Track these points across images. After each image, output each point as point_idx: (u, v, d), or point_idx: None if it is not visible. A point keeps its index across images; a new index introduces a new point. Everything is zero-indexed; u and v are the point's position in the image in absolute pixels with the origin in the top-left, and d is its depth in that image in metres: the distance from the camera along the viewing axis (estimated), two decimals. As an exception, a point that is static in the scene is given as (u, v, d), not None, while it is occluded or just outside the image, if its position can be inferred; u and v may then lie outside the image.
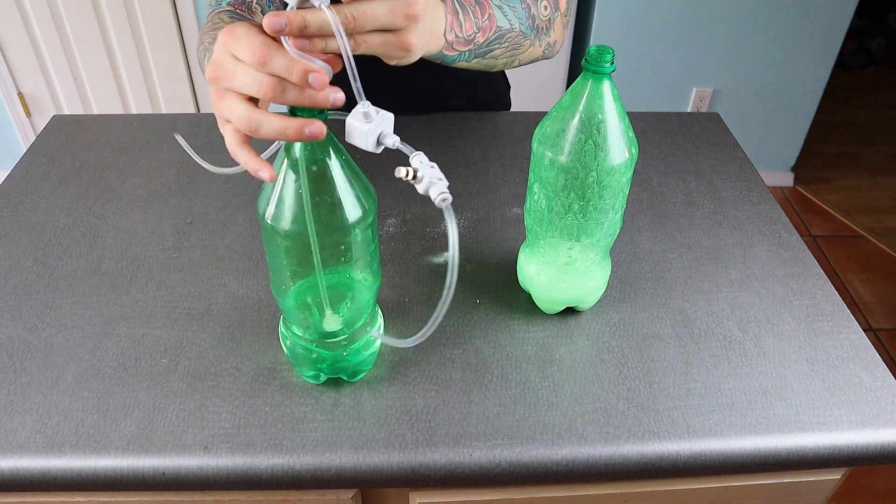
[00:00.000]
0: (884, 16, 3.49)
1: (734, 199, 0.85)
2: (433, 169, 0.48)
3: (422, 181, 0.48)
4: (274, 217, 0.51)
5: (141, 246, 0.76)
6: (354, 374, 0.61)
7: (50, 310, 0.68)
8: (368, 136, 0.48)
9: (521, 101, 2.11)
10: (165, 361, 0.63)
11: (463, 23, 0.58)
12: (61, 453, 0.56)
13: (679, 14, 2.03)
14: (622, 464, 0.57)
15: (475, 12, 0.60)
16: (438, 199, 0.47)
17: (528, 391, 0.61)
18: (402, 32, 0.50)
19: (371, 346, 0.61)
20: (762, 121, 2.27)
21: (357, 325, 0.59)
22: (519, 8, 0.65)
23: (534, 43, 0.70)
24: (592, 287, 0.67)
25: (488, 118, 0.98)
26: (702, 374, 0.63)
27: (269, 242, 0.54)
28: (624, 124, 0.57)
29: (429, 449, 0.56)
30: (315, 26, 0.45)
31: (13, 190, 0.84)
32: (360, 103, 0.47)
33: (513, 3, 0.64)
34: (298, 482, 0.56)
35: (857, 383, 0.63)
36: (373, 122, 0.48)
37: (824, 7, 2.03)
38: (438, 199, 0.47)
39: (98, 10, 2.01)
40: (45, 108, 2.19)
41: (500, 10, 0.63)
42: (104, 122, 0.97)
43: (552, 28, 0.72)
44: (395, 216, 0.81)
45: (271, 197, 0.51)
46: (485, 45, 0.63)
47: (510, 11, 0.63)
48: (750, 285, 0.73)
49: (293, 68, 0.45)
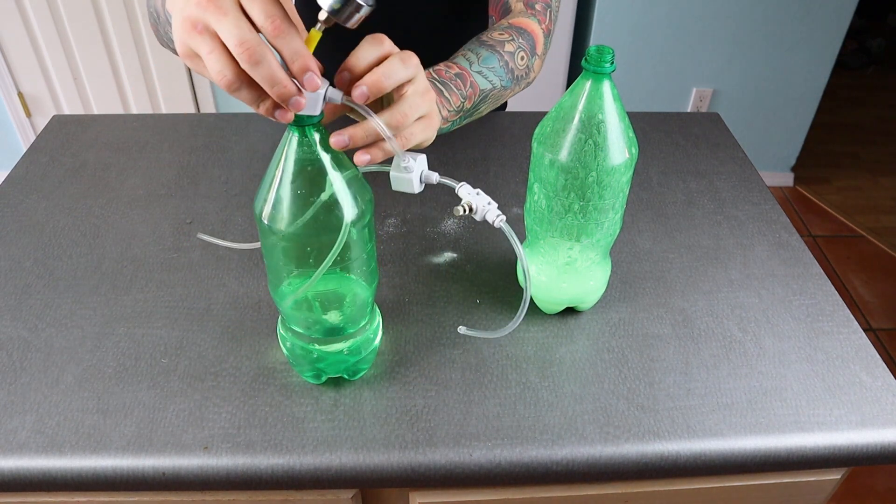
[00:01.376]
0: (884, 16, 3.49)
1: (734, 199, 0.85)
2: (480, 196, 0.56)
3: (477, 212, 0.55)
4: (270, 217, 0.51)
5: (141, 246, 0.76)
6: (355, 373, 0.61)
7: (50, 310, 0.68)
8: (413, 183, 0.55)
9: (521, 101, 2.12)
10: (165, 361, 0.63)
11: (449, 98, 0.63)
12: (61, 453, 0.56)
13: (679, 14, 2.03)
14: (622, 464, 0.57)
15: (457, 85, 0.64)
16: (497, 222, 0.54)
17: (528, 391, 0.61)
18: (430, 114, 0.56)
19: (371, 345, 0.61)
20: (762, 121, 2.27)
21: (355, 325, 0.59)
22: (497, 67, 0.69)
23: (514, 89, 0.74)
24: (592, 287, 0.67)
25: (488, 118, 0.98)
26: (702, 374, 0.63)
27: (266, 243, 0.54)
28: (624, 124, 0.57)
29: (429, 449, 0.56)
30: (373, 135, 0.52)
31: (13, 190, 0.84)
32: (397, 156, 0.54)
33: (491, 64, 0.69)
34: (298, 482, 0.56)
35: (857, 383, 0.63)
36: (413, 170, 0.54)
37: (824, 7, 2.03)
38: (497, 222, 0.54)
39: (98, 10, 2.01)
40: (45, 108, 2.19)
41: (480, 75, 0.67)
42: (104, 122, 0.97)
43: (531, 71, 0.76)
44: (395, 216, 0.81)
45: (268, 197, 0.51)
46: (472, 108, 0.67)
47: (490, 73, 0.68)
48: (750, 285, 0.73)
49: (297, 59, 0.45)
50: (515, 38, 0.72)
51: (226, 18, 0.44)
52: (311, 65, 0.46)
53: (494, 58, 0.69)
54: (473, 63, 0.67)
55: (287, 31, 0.45)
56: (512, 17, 0.75)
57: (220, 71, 0.45)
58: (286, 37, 0.45)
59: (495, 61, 0.69)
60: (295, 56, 0.45)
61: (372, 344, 0.61)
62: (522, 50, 0.72)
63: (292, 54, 0.45)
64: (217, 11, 0.44)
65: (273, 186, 0.51)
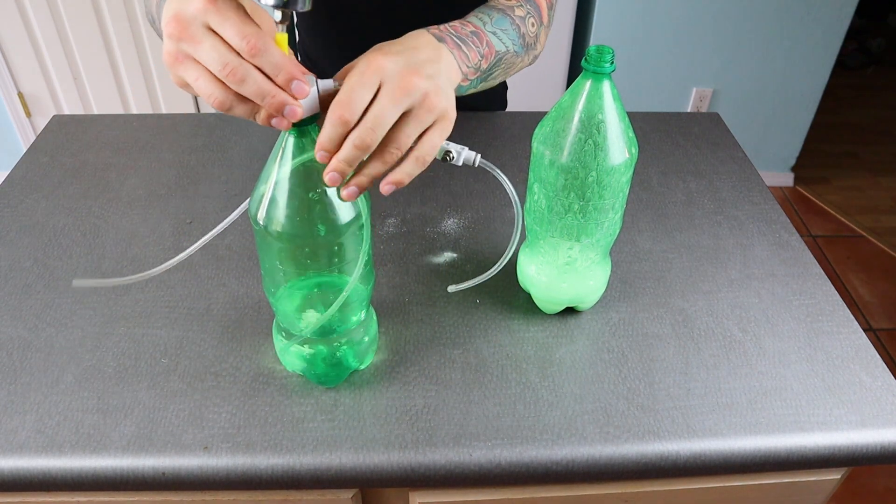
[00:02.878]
0: (884, 16, 3.49)
1: (734, 199, 0.85)
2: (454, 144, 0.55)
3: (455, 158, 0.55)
4: (266, 219, 0.51)
5: (141, 246, 0.76)
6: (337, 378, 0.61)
7: (50, 310, 0.68)
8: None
9: (521, 101, 2.12)
10: (165, 361, 0.63)
11: (468, 54, 0.60)
12: (61, 453, 0.56)
13: (679, 14, 2.03)
14: (622, 464, 0.57)
15: (475, 42, 0.62)
16: (476, 161, 0.55)
17: (528, 391, 0.61)
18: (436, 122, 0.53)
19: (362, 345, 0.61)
20: (762, 121, 2.27)
21: (349, 326, 0.59)
22: (511, 30, 0.67)
23: (524, 58, 0.73)
24: (592, 287, 0.67)
25: (488, 118, 0.98)
26: (702, 374, 0.63)
27: (261, 244, 0.54)
28: (624, 124, 0.57)
29: (429, 449, 0.56)
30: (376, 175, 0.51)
31: (13, 190, 0.84)
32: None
33: (504, 26, 0.67)
34: (298, 482, 0.56)
35: (857, 383, 0.63)
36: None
37: (824, 7, 2.03)
38: (476, 161, 0.55)
39: (98, 10, 2.01)
40: (45, 108, 2.19)
41: (494, 35, 0.65)
42: (104, 122, 0.97)
43: (538, 41, 0.75)
44: (395, 216, 0.81)
45: (264, 198, 0.51)
46: (487, 70, 0.65)
47: (503, 35, 0.66)
48: (750, 285, 0.73)
49: (281, 71, 0.46)
50: (524, 3, 0.71)
51: (201, 45, 0.45)
52: (294, 73, 0.46)
53: (507, 20, 0.68)
54: (487, 23, 0.65)
55: (263, 48, 0.45)
56: None
57: (211, 94, 0.46)
58: (264, 54, 0.45)
59: (507, 24, 0.68)
60: (276, 70, 0.46)
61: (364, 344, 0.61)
62: (532, 16, 0.71)
63: (273, 69, 0.46)
64: (191, 40, 0.45)
65: (269, 187, 0.50)
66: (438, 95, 0.51)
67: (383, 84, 0.49)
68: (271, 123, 0.47)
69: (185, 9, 0.46)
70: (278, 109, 0.46)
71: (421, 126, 0.51)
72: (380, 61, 0.49)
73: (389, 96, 0.48)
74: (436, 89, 0.51)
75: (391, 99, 0.48)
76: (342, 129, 0.48)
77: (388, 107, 0.48)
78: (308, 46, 1.01)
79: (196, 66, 0.46)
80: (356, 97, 0.48)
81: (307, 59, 1.02)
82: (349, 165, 0.49)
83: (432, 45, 0.56)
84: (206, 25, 0.46)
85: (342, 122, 0.47)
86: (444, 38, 0.58)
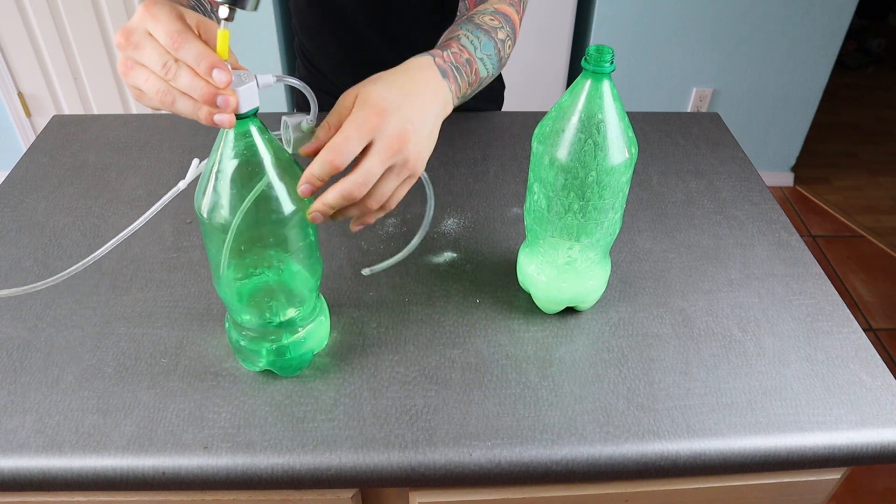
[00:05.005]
0: (884, 16, 3.48)
1: (734, 199, 0.85)
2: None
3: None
4: (210, 211, 0.52)
5: (141, 246, 0.76)
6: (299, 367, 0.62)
7: (50, 310, 0.68)
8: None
9: (521, 101, 2.12)
10: (165, 361, 0.63)
11: (461, 85, 0.64)
12: (61, 453, 0.56)
13: (679, 14, 2.03)
14: (622, 463, 0.57)
15: (467, 71, 0.65)
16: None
17: (527, 391, 0.61)
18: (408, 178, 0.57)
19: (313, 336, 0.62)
20: (762, 121, 2.27)
21: (297, 316, 0.59)
22: (493, 55, 0.69)
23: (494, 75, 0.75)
24: (592, 287, 0.67)
25: (488, 118, 0.98)
26: (702, 374, 0.63)
27: (206, 236, 0.55)
28: (624, 124, 0.57)
29: (429, 449, 0.56)
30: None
31: (13, 190, 0.84)
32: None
33: (489, 52, 0.69)
34: (298, 482, 0.56)
35: (856, 383, 0.63)
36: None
37: (824, 7, 2.03)
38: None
39: (98, 10, 2.01)
40: (45, 108, 2.19)
41: (481, 62, 0.68)
42: (104, 122, 0.97)
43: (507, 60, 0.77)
44: (395, 216, 0.81)
45: (206, 190, 0.52)
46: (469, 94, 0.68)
47: (488, 61, 0.68)
48: (750, 285, 0.73)
49: (201, 61, 0.48)
50: (504, 25, 0.72)
51: (144, 50, 0.49)
52: (214, 61, 0.48)
53: (491, 45, 0.69)
54: (477, 49, 0.67)
55: (184, 41, 0.48)
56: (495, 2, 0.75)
57: (156, 90, 0.49)
58: (185, 46, 0.48)
59: (491, 48, 0.69)
60: (198, 60, 0.48)
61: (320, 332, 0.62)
62: (510, 38, 0.73)
63: (195, 59, 0.48)
64: (135, 47, 0.49)
65: (210, 180, 0.51)
66: (418, 159, 0.56)
67: (375, 141, 0.53)
68: (214, 121, 0.49)
69: (131, 21, 0.50)
70: (210, 100, 0.48)
71: (398, 182, 0.56)
72: (375, 119, 0.53)
73: (379, 156, 0.53)
74: (417, 153, 0.56)
75: (381, 159, 0.53)
76: (329, 171, 0.52)
77: (377, 165, 0.53)
78: (306, 48, 1.01)
79: (143, 70, 0.49)
80: (350, 147, 0.52)
81: (306, 61, 1.02)
82: (331, 210, 0.54)
83: (434, 82, 0.60)
84: (147, 32, 0.49)
85: (332, 166, 0.52)
86: (447, 72, 0.62)
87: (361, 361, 0.64)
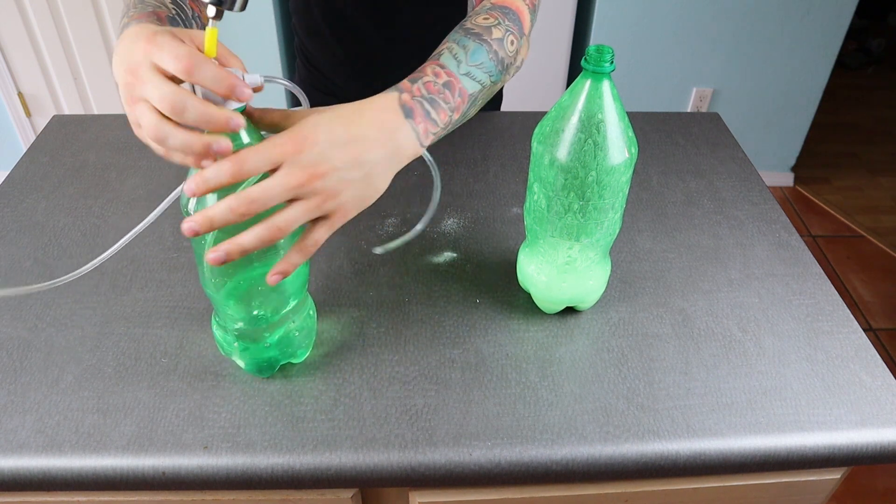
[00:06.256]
0: (884, 16, 3.49)
1: (734, 199, 0.85)
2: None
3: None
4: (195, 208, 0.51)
5: (141, 246, 0.76)
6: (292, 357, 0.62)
7: (50, 310, 0.68)
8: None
9: (521, 101, 2.12)
10: (165, 361, 0.63)
11: (437, 119, 0.58)
12: (61, 453, 0.56)
13: (679, 14, 2.03)
14: (622, 463, 0.57)
15: (445, 98, 0.59)
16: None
17: (527, 391, 0.61)
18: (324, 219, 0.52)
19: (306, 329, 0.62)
20: (762, 121, 2.27)
21: (282, 314, 0.59)
22: (487, 62, 0.63)
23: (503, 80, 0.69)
24: (592, 287, 0.67)
25: (487, 118, 0.98)
26: (702, 374, 0.63)
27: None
28: (624, 124, 0.57)
29: (429, 449, 0.56)
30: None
31: (13, 190, 0.84)
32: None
33: (480, 60, 0.63)
34: (298, 482, 0.56)
35: (856, 383, 0.63)
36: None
37: (824, 7, 2.03)
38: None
39: (98, 10, 2.01)
40: (45, 108, 2.19)
41: (468, 77, 0.61)
42: (104, 122, 0.97)
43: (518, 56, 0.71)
44: (394, 216, 0.81)
45: None
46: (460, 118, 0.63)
47: (478, 72, 0.62)
48: (750, 285, 0.73)
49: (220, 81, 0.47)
50: (501, 20, 0.67)
51: (147, 84, 0.47)
52: (233, 81, 0.47)
53: (483, 50, 0.64)
54: (462, 62, 0.62)
55: (197, 64, 0.46)
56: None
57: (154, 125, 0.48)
58: (199, 70, 0.46)
59: (484, 55, 0.64)
60: (216, 82, 0.47)
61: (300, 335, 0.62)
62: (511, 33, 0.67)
63: (213, 81, 0.47)
64: (140, 82, 0.48)
65: None
66: (336, 200, 0.51)
67: (283, 166, 0.49)
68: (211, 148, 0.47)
69: (133, 57, 0.48)
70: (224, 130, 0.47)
71: (305, 216, 0.50)
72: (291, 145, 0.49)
73: (282, 179, 0.48)
74: (335, 193, 0.51)
75: (282, 183, 0.48)
76: (223, 180, 0.48)
77: (277, 187, 0.48)
78: (306, 47, 1.01)
79: (145, 105, 0.48)
80: (254, 163, 0.48)
81: (306, 61, 1.02)
82: (212, 226, 0.48)
83: (389, 126, 0.54)
84: (152, 64, 0.48)
85: (228, 173, 0.47)
86: (413, 110, 0.56)
87: (361, 361, 0.64)
